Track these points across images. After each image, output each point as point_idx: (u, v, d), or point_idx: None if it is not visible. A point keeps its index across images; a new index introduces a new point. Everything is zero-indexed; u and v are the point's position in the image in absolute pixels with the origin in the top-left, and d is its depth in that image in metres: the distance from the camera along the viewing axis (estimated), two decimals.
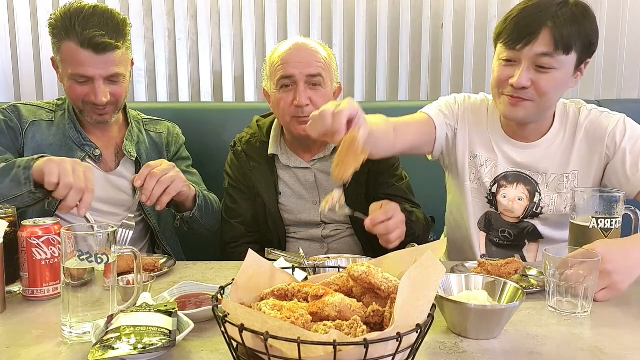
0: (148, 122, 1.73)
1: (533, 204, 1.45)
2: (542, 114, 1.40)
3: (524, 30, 1.28)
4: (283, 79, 1.48)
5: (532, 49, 1.27)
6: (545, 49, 1.27)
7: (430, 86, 2.36)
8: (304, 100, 1.46)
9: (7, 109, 1.54)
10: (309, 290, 0.77)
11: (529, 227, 1.48)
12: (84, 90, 1.46)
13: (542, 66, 1.29)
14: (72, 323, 0.89)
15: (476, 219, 1.53)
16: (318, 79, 1.48)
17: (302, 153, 1.63)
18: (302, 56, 1.49)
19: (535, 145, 1.45)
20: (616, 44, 2.32)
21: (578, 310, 1.01)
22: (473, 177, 1.51)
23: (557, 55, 1.27)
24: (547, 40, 1.26)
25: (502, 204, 1.47)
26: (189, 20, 2.32)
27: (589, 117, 1.43)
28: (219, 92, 2.37)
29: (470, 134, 1.51)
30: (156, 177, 1.34)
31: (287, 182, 1.63)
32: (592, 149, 1.41)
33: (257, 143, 1.64)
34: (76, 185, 1.18)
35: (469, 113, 1.52)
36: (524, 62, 1.29)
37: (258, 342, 0.65)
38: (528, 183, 1.46)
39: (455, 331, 0.92)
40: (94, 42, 1.39)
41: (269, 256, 1.26)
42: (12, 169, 1.27)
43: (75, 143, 1.55)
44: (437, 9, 2.31)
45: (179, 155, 1.74)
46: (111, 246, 0.91)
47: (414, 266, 0.67)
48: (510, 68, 1.32)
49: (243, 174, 1.63)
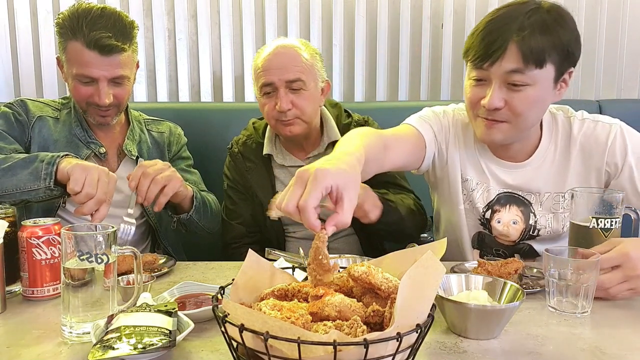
0: (150, 122, 1.73)
1: (529, 226, 1.37)
2: (521, 134, 1.29)
3: (490, 47, 1.16)
4: (264, 86, 1.51)
5: (500, 66, 1.16)
6: (514, 65, 1.15)
7: (430, 86, 2.36)
8: (285, 105, 1.48)
9: (15, 103, 1.55)
10: (309, 290, 0.77)
11: (524, 248, 1.42)
12: (88, 91, 1.46)
13: (514, 84, 1.17)
14: (72, 323, 0.89)
15: (469, 237, 1.46)
16: (298, 83, 1.49)
17: (296, 152, 1.64)
18: (281, 62, 1.49)
19: (526, 165, 1.36)
20: (616, 44, 2.33)
21: (578, 310, 1.01)
22: (466, 198, 1.42)
23: (528, 71, 1.16)
24: (515, 55, 1.15)
25: (497, 229, 1.39)
26: (189, 20, 2.32)
27: (582, 130, 1.32)
28: (219, 92, 2.37)
29: (461, 154, 1.40)
30: (150, 176, 1.32)
31: (283, 181, 1.63)
32: (589, 165, 1.32)
33: (253, 144, 1.66)
34: (98, 197, 1.19)
35: (458, 131, 1.41)
36: (494, 81, 1.19)
37: (258, 342, 0.65)
38: (521, 204, 1.37)
39: (455, 331, 0.92)
40: (100, 44, 1.39)
41: (269, 256, 1.26)
42: (34, 162, 1.27)
43: (81, 140, 1.55)
44: (437, 9, 2.31)
45: (180, 156, 1.74)
46: (111, 246, 0.91)
47: (414, 266, 0.67)
48: (482, 88, 1.22)
49: (240, 175, 1.65)
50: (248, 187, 1.64)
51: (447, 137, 1.41)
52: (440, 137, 1.40)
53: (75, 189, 1.18)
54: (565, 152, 1.34)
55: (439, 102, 2.30)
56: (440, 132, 1.40)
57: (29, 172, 1.26)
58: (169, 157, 1.70)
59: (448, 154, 1.41)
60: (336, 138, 1.58)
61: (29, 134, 1.52)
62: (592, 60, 2.33)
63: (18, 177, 1.26)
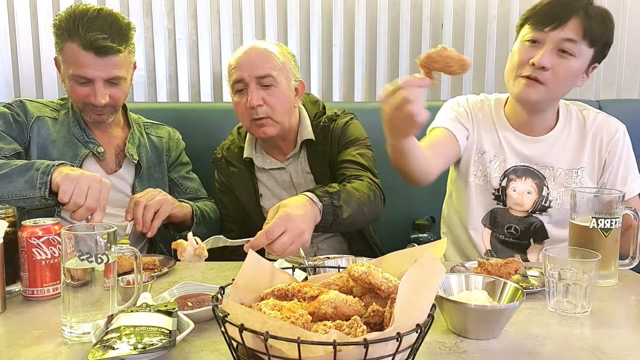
0: (149, 126, 1.74)
1: (542, 197, 1.49)
2: (550, 102, 1.45)
3: (556, 14, 1.33)
4: (236, 83, 1.51)
5: (560, 33, 1.33)
6: (572, 35, 1.32)
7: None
8: (256, 101, 1.47)
9: (13, 103, 1.56)
10: (308, 290, 0.77)
11: (536, 223, 1.50)
12: (84, 91, 1.47)
13: (564, 50, 1.34)
14: (72, 323, 0.89)
15: (480, 216, 1.54)
16: (268, 79, 1.48)
17: (275, 154, 1.64)
18: (251, 59, 1.49)
19: (543, 140, 1.49)
20: (616, 44, 2.31)
21: (578, 310, 1.01)
22: (480, 173, 1.53)
23: (581, 44, 1.33)
24: (576, 28, 1.32)
25: (512, 198, 1.50)
26: (189, 20, 2.32)
27: (596, 121, 1.50)
28: (219, 92, 2.37)
29: (479, 132, 1.54)
30: (142, 204, 1.38)
31: (266, 184, 1.65)
32: (600, 150, 1.48)
33: (236, 149, 1.67)
34: (87, 206, 1.21)
35: (475, 112, 1.56)
36: (548, 44, 1.34)
37: (258, 342, 0.65)
38: (536, 177, 1.49)
39: (455, 331, 0.92)
40: (95, 45, 1.40)
41: (269, 256, 1.26)
42: (29, 170, 1.27)
43: (79, 140, 1.56)
44: (437, 9, 2.31)
45: (179, 161, 1.75)
46: (111, 246, 0.91)
47: (414, 266, 0.67)
48: (533, 49, 1.36)
49: (226, 179, 1.68)
50: (233, 191, 1.66)
51: (466, 118, 1.55)
52: (464, 122, 1.54)
53: (64, 199, 1.21)
54: (580, 135, 1.49)
55: (439, 102, 2.30)
56: (463, 118, 1.54)
57: (25, 180, 1.27)
58: (168, 162, 1.72)
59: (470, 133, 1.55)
60: (309, 137, 1.58)
61: (28, 134, 1.52)
62: None
63: (14, 185, 1.27)
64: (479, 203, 1.54)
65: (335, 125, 1.59)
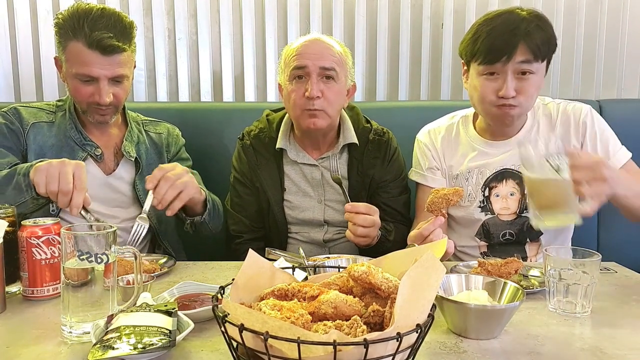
0: (148, 123, 1.73)
1: (525, 195, 1.50)
2: (523, 116, 1.52)
3: (503, 48, 1.35)
4: (296, 69, 1.48)
5: (514, 62, 1.36)
6: (525, 57, 1.36)
7: (430, 86, 2.36)
8: (316, 92, 1.45)
9: (7, 111, 1.54)
10: (308, 290, 0.77)
11: (527, 223, 1.51)
12: (88, 90, 1.46)
13: (524, 72, 1.38)
14: (72, 323, 0.89)
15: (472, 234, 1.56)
16: (331, 72, 1.47)
17: (310, 150, 1.62)
18: (317, 49, 1.48)
19: (514, 139, 1.52)
20: (616, 44, 2.32)
21: (578, 310, 1.01)
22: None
23: (534, 62, 1.37)
24: (525, 51, 1.36)
25: (497, 203, 1.53)
26: (189, 20, 2.32)
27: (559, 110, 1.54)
28: (219, 92, 2.37)
29: (445, 160, 1.60)
30: (170, 181, 1.33)
31: (292, 178, 1.62)
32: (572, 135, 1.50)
33: (266, 138, 1.63)
34: (62, 189, 1.19)
35: (438, 144, 1.61)
36: (506, 73, 1.38)
37: (258, 342, 0.65)
38: (515, 177, 1.52)
39: (455, 331, 0.92)
40: (102, 44, 1.40)
41: (269, 256, 1.26)
42: (14, 177, 1.28)
43: (77, 143, 1.55)
44: (437, 9, 2.31)
45: (178, 157, 1.74)
46: (111, 246, 0.91)
47: (414, 266, 0.67)
48: (494, 81, 1.40)
49: (249, 169, 1.63)
50: (256, 181, 1.62)
51: (434, 158, 1.61)
52: (433, 163, 1.61)
53: (40, 191, 1.22)
54: (549, 126, 1.53)
55: (439, 101, 2.31)
56: (431, 160, 1.61)
57: (12, 187, 1.27)
58: (168, 159, 1.70)
59: (440, 167, 1.62)
60: (352, 140, 1.58)
61: (24, 142, 1.52)
62: (592, 60, 2.33)
63: (6, 195, 1.27)
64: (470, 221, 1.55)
65: (389, 144, 1.63)
